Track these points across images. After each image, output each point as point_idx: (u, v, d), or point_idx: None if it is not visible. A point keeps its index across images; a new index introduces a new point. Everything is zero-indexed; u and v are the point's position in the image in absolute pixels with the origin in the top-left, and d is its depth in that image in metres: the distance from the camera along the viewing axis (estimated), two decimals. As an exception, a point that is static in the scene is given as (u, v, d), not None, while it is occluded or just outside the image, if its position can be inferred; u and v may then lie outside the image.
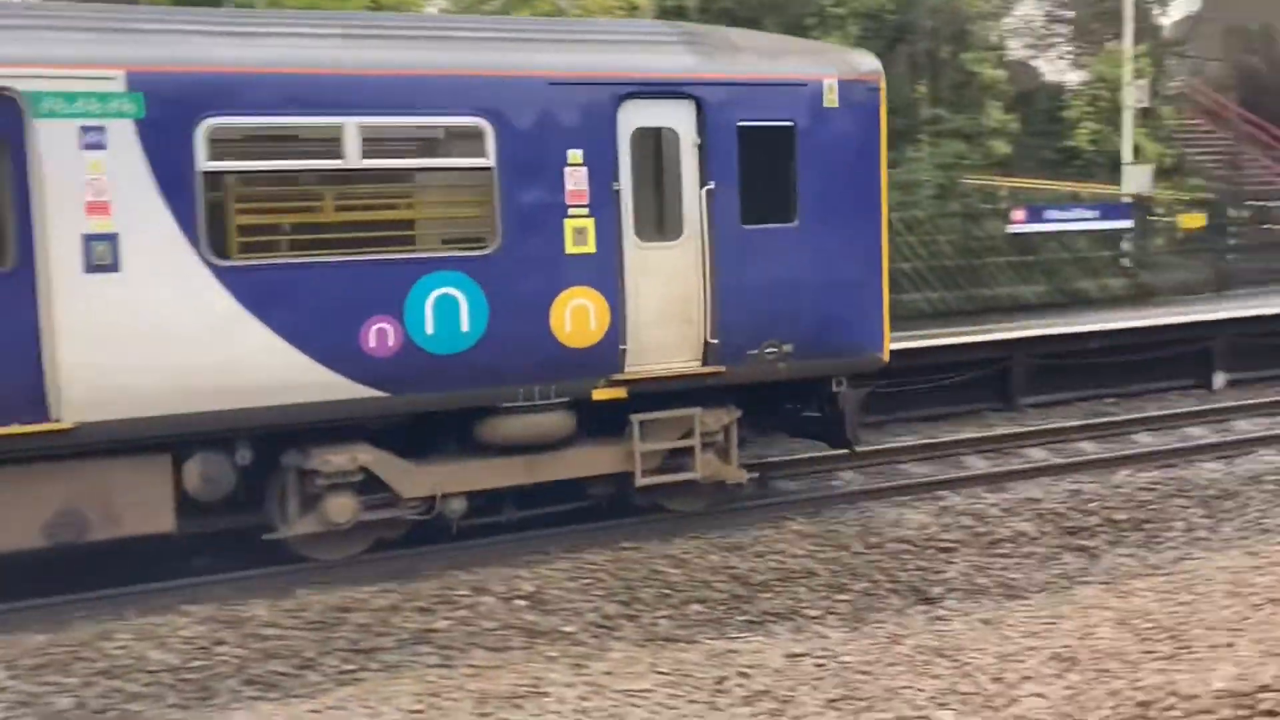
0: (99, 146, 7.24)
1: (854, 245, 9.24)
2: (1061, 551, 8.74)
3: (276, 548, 8.17)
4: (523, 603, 7.70)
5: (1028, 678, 6.34)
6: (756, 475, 9.92)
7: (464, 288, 8.16)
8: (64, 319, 7.16)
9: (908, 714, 5.87)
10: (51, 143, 7.14)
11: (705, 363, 8.80)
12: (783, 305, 8.93)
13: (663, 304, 8.68)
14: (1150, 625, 7.11)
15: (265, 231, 7.85)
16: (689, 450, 8.81)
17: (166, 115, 7.39)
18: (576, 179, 8.34)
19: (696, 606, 7.79)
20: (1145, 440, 11.72)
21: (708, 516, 9.33)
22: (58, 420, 7.18)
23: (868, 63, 9.53)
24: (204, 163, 7.48)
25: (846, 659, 6.73)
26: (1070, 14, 27.13)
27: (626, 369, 8.58)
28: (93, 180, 7.22)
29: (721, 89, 8.78)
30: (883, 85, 9.41)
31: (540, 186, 8.28)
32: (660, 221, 8.80)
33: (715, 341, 8.76)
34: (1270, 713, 5.78)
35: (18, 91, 7.06)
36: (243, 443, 7.85)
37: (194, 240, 7.45)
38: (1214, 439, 11.43)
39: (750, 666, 6.65)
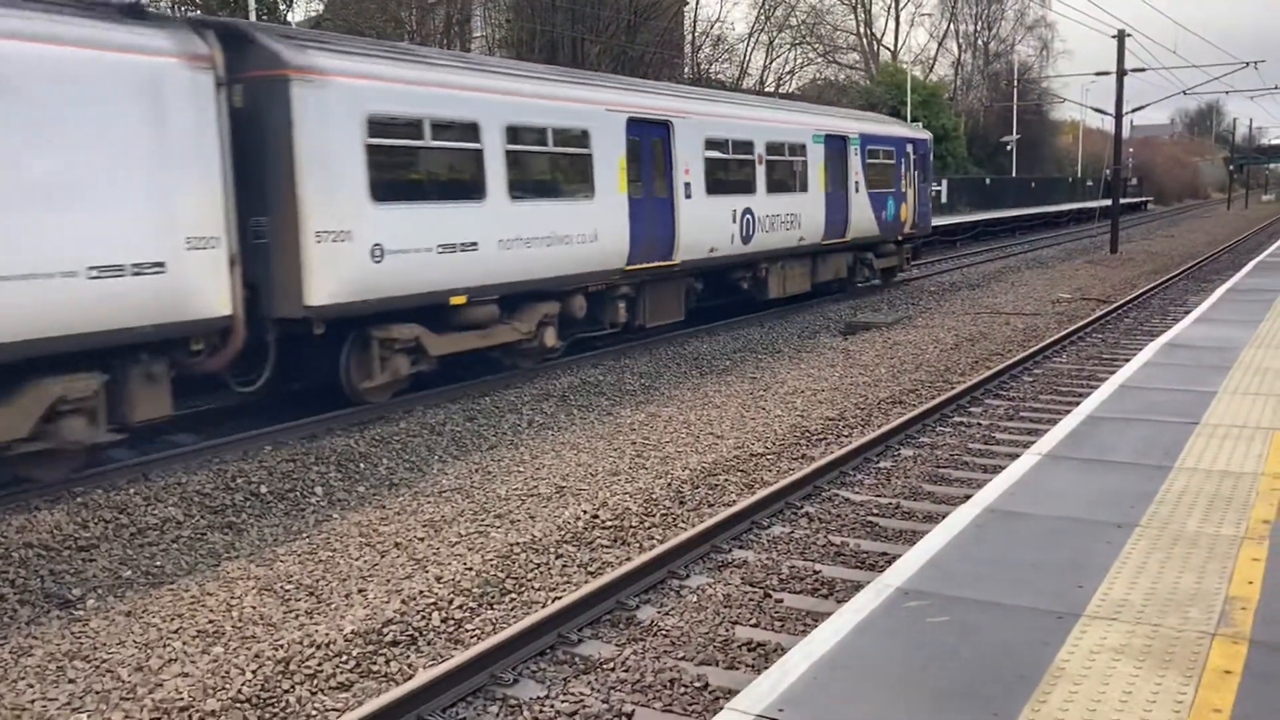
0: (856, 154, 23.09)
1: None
2: (209, 531, 8.74)
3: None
4: None
5: (172, 660, 6.26)
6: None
7: (890, 202, 24.37)
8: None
9: (37, 728, 5.39)
10: (853, 150, 22.90)
11: (913, 228, 26.08)
12: (892, 214, 24.64)
13: (908, 210, 25.57)
14: (292, 586, 7.48)
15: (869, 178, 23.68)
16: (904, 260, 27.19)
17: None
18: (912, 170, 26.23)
19: None
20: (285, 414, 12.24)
21: None
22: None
23: (927, 132, 29.24)
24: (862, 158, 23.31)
25: (-38, 686, 5.95)
26: (198, 1, 27.06)
27: (903, 231, 25.34)
28: (855, 162, 23.16)
29: (921, 141, 27.02)
30: (930, 139, 28.80)
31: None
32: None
33: (911, 224, 25.92)
34: (394, 642, 6.46)
35: (850, 135, 22.81)
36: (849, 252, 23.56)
37: (860, 182, 23.41)
38: (346, 413, 12.34)
39: None
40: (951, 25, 76.17)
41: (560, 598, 7.07)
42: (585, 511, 8.97)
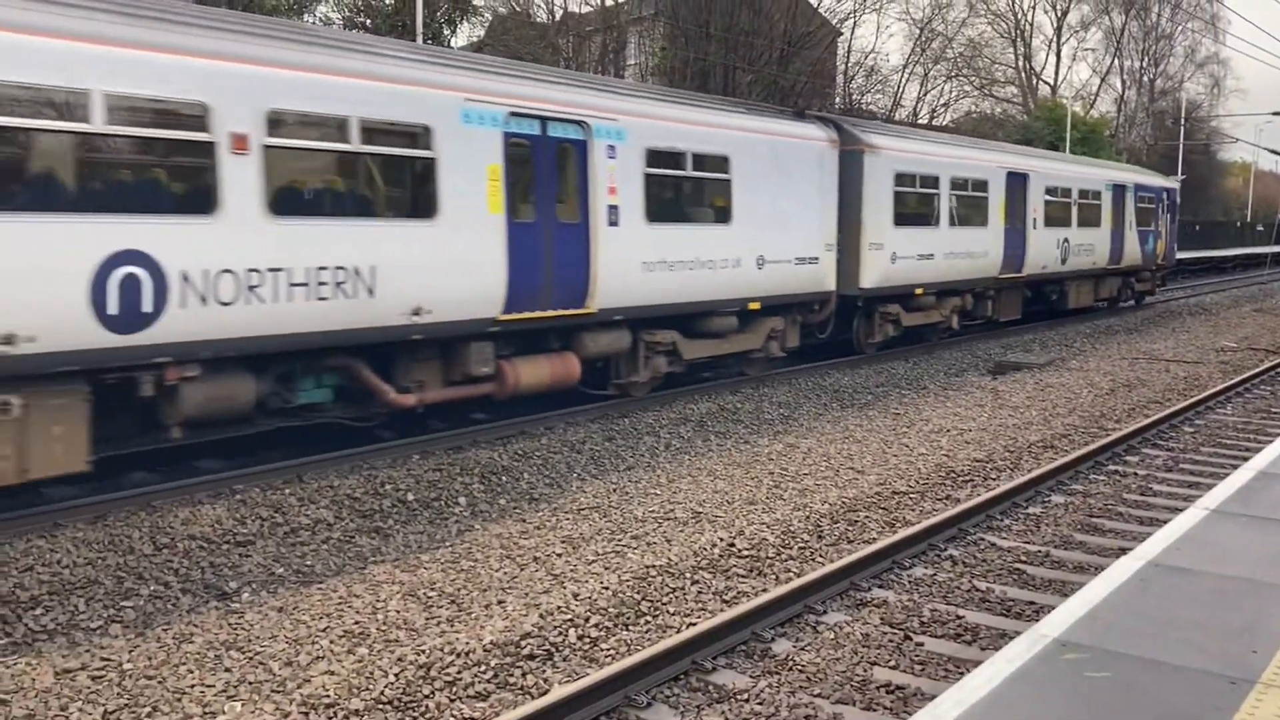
0: (1131, 199, 29.66)
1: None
2: (357, 535, 9.01)
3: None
4: None
5: (319, 657, 6.45)
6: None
7: (1151, 238, 30.44)
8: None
9: (194, 711, 5.62)
10: (1129, 196, 29.25)
11: (1163, 259, 32.05)
12: (1151, 247, 30.43)
13: (1162, 244, 31.38)
14: (434, 593, 7.63)
15: (1138, 219, 30.12)
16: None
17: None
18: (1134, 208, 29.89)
19: (-57, 635, 6.70)
20: (434, 425, 12.57)
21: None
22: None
23: (1176, 182, 34.72)
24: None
25: (129, 667, 6.26)
26: (367, 20, 28.21)
27: (1157, 262, 31.80)
28: (1130, 206, 29.49)
29: (1172, 190, 32.96)
30: (1178, 188, 34.48)
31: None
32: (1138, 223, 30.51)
33: (1163, 256, 31.93)
34: (531, 655, 6.52)
35: (1128, 184, 29.26)
36: (1120, 276, 30.26)
37: (1132, 221, 29.87)
38: (489, 426, 12.62)
39: (10, 692, 5.88)
40: (1116, 61, 73.66)
41: (695, 624, 7.02)
42: (721, 539, 8.91)
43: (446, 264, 10.90)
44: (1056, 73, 71.79)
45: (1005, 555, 8.73)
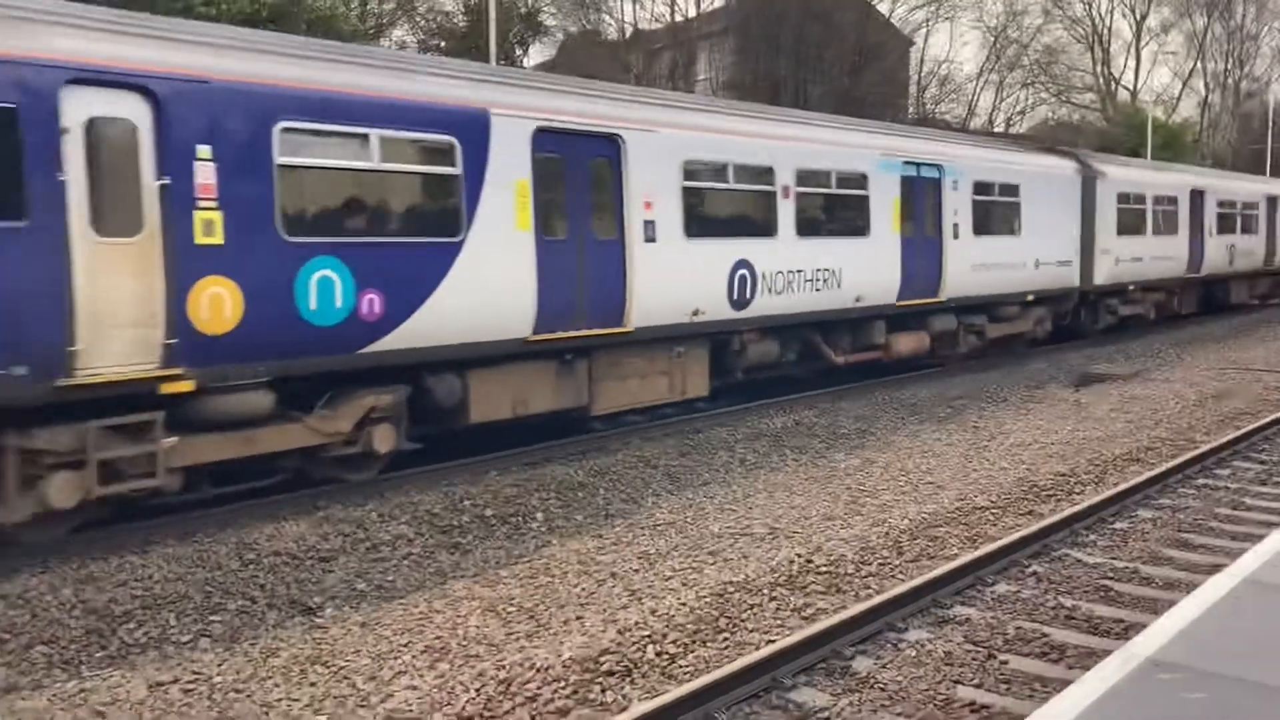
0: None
1: None
2: (436, 550, 9.12)
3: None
4: None
5: (401, 673, 6.53)
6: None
7: (1256, 245, 32.82)
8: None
9: (282, 725, 5.73)
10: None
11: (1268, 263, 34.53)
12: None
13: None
14: (513, 609, 7.69)
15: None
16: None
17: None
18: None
19: (42, 649, 6.92)
20: (508, 441, 12.65)
21: (57, 548, 8.37)
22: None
23: None
24: None
25: (218, 680, 6.41)
26: (441, 43, 28.64)
27: (1274, 264, 33.97)
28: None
29: None
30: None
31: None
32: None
33: None
34: (610, 671, 6.52)
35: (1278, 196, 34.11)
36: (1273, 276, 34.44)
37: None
38: (565, 442, 12.69)
39: (107, 704, 6.06)
40: (1198, 64, 71.77)
41: (774, 641, 6.97)
42: (799, 555, 8.84)
43: (872, 267, 16.12)
44: (1136, 77, 69.95)
45: (1092, 572, 8.52)
